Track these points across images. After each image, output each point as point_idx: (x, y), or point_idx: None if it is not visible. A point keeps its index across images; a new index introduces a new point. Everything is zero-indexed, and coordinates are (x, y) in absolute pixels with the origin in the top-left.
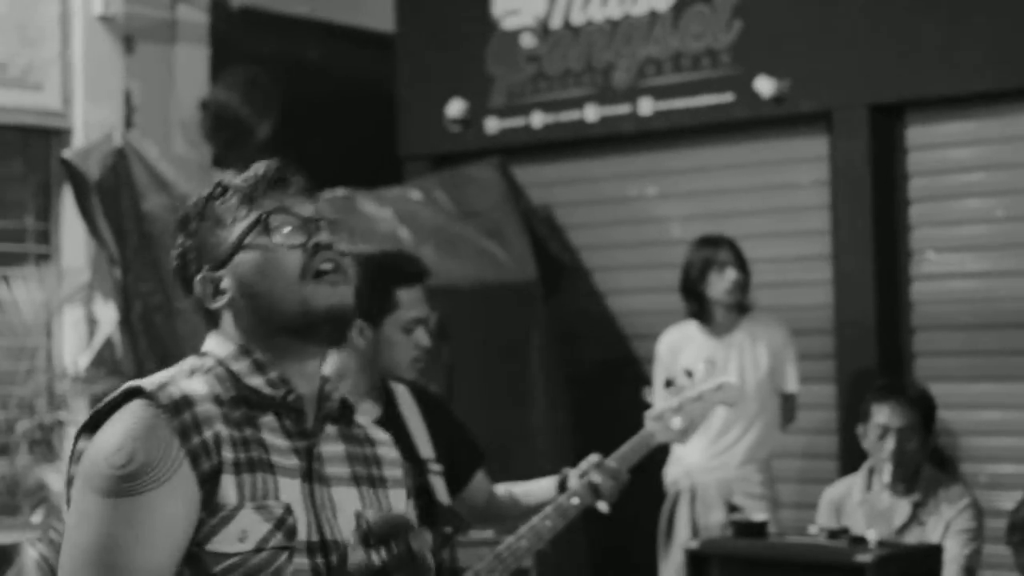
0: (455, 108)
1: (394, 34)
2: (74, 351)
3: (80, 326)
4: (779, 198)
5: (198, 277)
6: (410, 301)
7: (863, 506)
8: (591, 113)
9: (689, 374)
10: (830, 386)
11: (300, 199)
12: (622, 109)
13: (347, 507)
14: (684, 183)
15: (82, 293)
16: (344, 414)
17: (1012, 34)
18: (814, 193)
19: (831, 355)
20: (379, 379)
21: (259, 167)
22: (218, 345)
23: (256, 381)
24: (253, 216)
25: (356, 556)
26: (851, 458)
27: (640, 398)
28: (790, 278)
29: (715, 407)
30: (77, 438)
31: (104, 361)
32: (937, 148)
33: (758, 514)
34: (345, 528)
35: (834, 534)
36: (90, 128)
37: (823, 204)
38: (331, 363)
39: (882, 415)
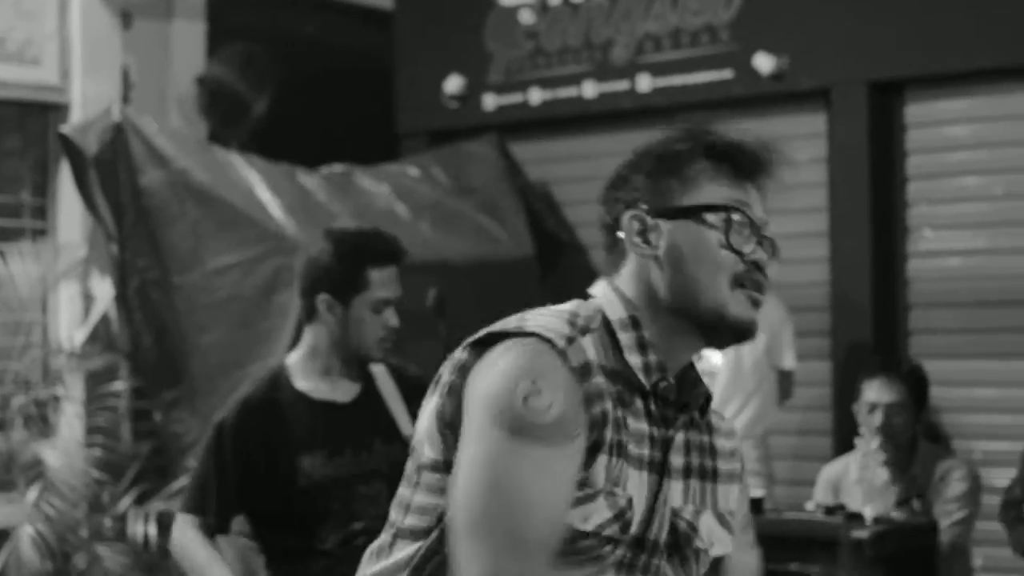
0: (453, 84)
1: (392, 10)
2: (70, 326)
3: (76, 301)
4: (777, 175)
5: (632, 212)
6: (381, 281)
7: (860, 484)
8: (589, 89)
9: None
10: (826, 363)
11: (762, 199)
12: (620, 86)
13: (671, 500)
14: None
15: (78, 268)
16: (705, 406)
17: (1011, 12)
18: (812, 170)
19: (827, 332)
20: (352, 357)
21: (755, 145)
22: (609, 301)
23: (635, 360)
24: (722, 195)
25: None
26: (845, 435)
27: None
28: (787, 255)
29: None
30: (463, 350)
31: (100, 336)
32: (935, 126)
33: (754, 490)
34: (665, 520)
35: (830, 510)
36: (88, 103)
37: (821, 181)
38: (305, 339)
39: (871, 391)
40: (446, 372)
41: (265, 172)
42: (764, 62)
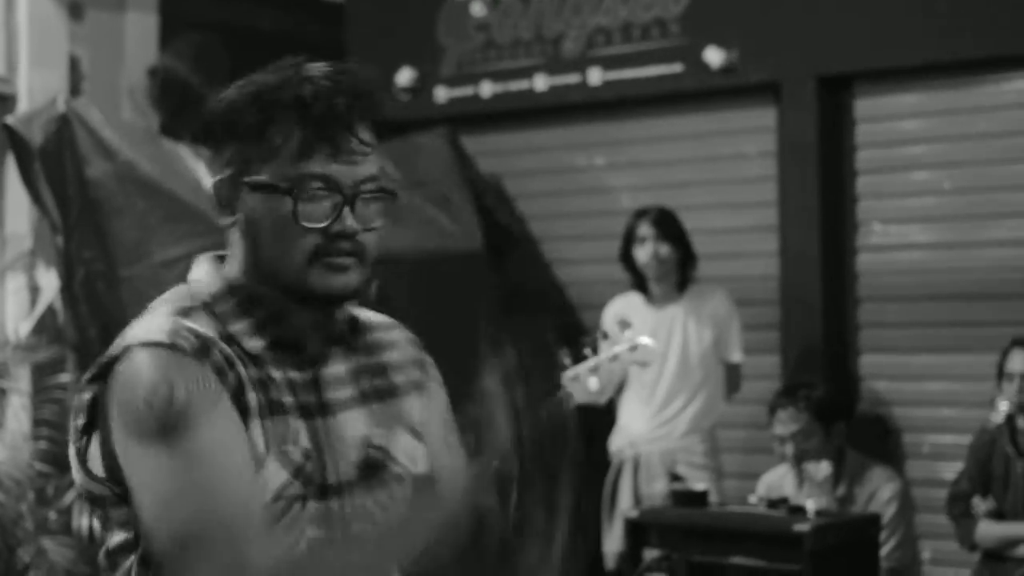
0: (404, 77)
1: (344, 2)
2: (15, 319)
3: (22, 293)
4: (727, 169)
5: (219, 177)
6: None
7: (797, 497)
8: (540, 83)
9: (625, 327)
10: (775, 357)
11: (361, 151)
12: (571, 79)
13: (351, 432)
14: (633, 153)
15: (24, 260)
16: (354, 332)
17: (960, 6)
18: (761, 164)
19: (776, 326)
20: None
21: (334, 89)
22: (207, 275)
23: (239, 327)
24: (292, 168)
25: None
26: None
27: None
28: (737, 249)
29: (631, 367)
30: (79, 392)
31: (46, 328)
32: (885, 120)
33: (698, 484)
34: (347, 459)
35: (773, 504)
36: (34, 94)
37: (770, 175)
38: None
39: (777, 426)
40: (73, 418)
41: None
42: (714, 56)
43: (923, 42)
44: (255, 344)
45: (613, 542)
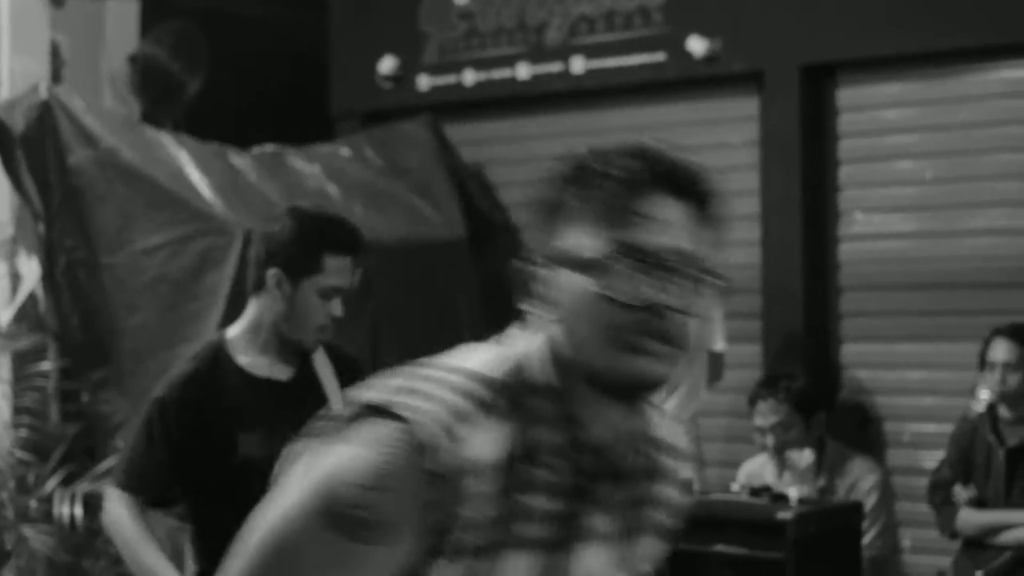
0: (387, 65)
1: None
2: None
3: (3, 281)
4: (709, 158)
5: (528, 267)
6: (335, 268)
7: (778, 486)
8: (523, 71)
9: None
10: (757, 346)
11: (684, 225)
12: (554, 67)
13: (587, 571)
14: (615, 142)
15: (5, 248)
16: (655, 474)
17: None
18: (744, 153)
19: (758, 315)
20: (288, 340)
21: (658, 159)
22: (535, 363)
23: (557, 443)
24: (606, 241)
25: None
26: None
27: None
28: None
29: None
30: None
31: (27, 316)
32: (868, 109)
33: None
34: None
35: (756, 492)
36: (16, 81)
37: (753, 164)
38: (248, 311)
39: (757, 417)
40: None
41: (195, 152)
42: (697, 45)
43: (906, 31)
44: (551, 460)
45: None
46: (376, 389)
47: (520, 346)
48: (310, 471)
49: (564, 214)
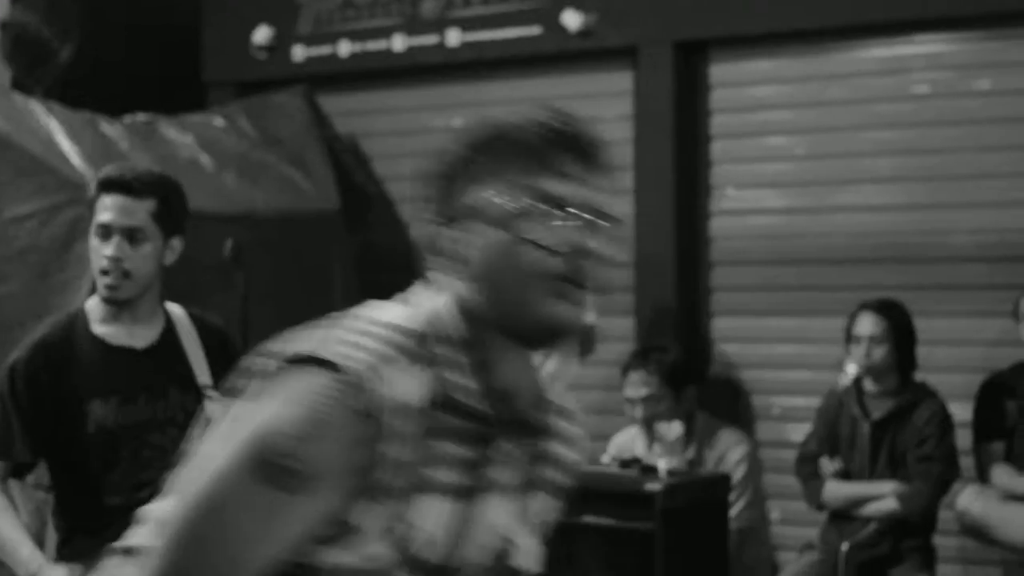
0: (261, 35)
1: None
2: None
3: None
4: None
5: (433, 229)
6: (104, 206)
7: (648, 457)
8: (399, 43)
9: None
10: (629, 319)
11: (588, 180)
12: (430, 40)
13: (493, 520)
14: (491, 115)
15: None
16: (544, 431)
17: None
18: (618, 127)
19: (631, 288)
20: (99, 294)
21: (560, 123)
22: (445, 316)
23: (471, 388)
24: (522, 192)
25: None
26: None
27: None
28: None
29: None
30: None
31: None
32: (740, 86)
33: None
34: (480, 545)
35: (625, 464)
36: None
37: (627, 139)
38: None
39: (628, 388)
40: (247, 379)
41: (65, 120)
42: (572, 19)
43: (778, 9)
44: (484, 409)
45: None
46: (300, 342)
47: (428, 303)
48: (239, 428)
49: (474, 175)
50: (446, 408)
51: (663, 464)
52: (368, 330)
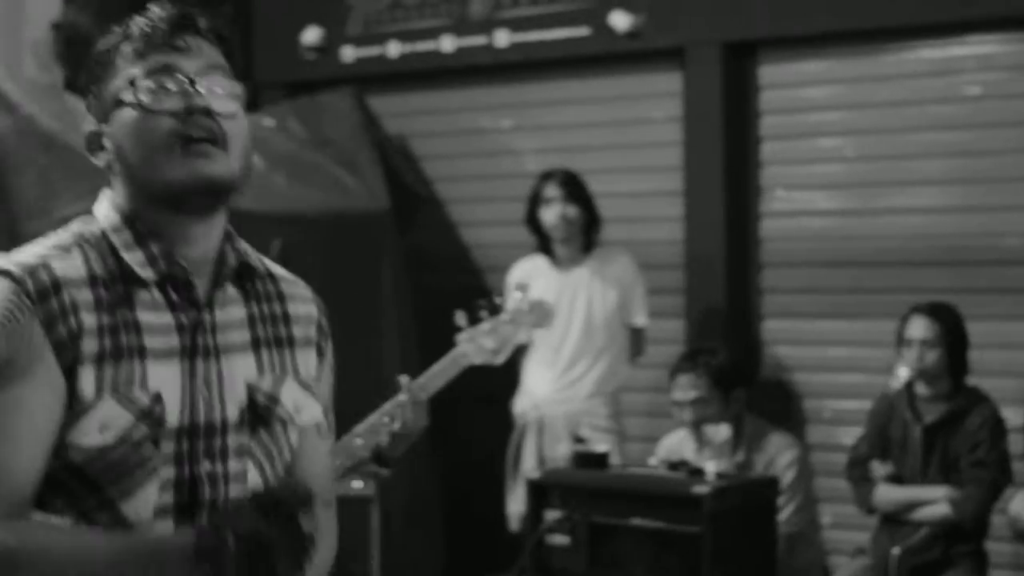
0: (311, 35)
1: None
2: None
3: None
4: (632, 133)
5: (84, 129)
6: None
7: (696, 460)
8: (447, 44)
9: (522, 289)
10: (679, 321)
11: (199, 49)
12: (478, 40)
13: (239, 376)
14: (538, 116)
15: None
16: (244, 274)
17: None
18: (667, 129)
19: (681, 290)
20: None
21: (160, 9)
22: (105, 210)
23: (134, 257)
24: (134, 70)
25: (246, 517)
26: None
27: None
28: (642, 213)
29: (528, 328)
30: None
31: None
32: (789, 87)
33: (599, 445)
34: (233, 401)
35: (674, 466)
36: None
37: (676, 140)
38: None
39: (676, 391)
40: None
41: None
42: (620, 20)
43: (827, 10)
44: (148, 275)
45: (517, 504)
46: None
47: (96, 210)
48: None
49: (110, 67)
50: (108, 282)
51: (711, 467)
52: (32, 245)
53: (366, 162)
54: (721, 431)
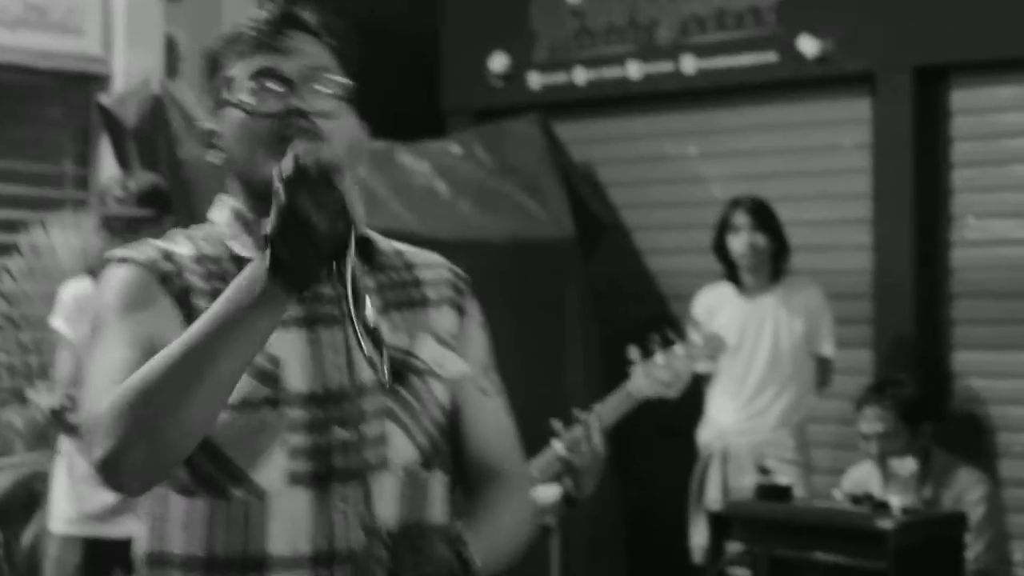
0: (498, 62)
1: None
2: None
3: None
4: (820, 160)
5: (209, 128)
6: None
7: (882, 494)
8: (634, 70)
9: (696, 322)
10: (867, 351)
11: (302, 48)
12: (665, 67)
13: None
14: (725, 143)
15: None
16: (364, 248)
17: None
18: (856, 156)
19: (869, 320)
20: None
21: (267, 8)
22: (218, 209)
23: (243, 242)
24: (238, 71)
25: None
26: None
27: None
28: (830, 241)
29: (702, 360)
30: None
31: None
32: (982, 112)
33: (783, 477)
34: (347, 367)
35: (857, 500)
36: (130, 74)
37: (865, 167)
38: None
39: (863, 423)
40: None
41: None
42: (809, 45)
43: (1021, 33)
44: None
45: (700, 536)
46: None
47: (210, 215)
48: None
49: (219, 67)
50: (217, 260)
51: (896, 501)
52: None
53: (551, 189)
54: (907, 464)
